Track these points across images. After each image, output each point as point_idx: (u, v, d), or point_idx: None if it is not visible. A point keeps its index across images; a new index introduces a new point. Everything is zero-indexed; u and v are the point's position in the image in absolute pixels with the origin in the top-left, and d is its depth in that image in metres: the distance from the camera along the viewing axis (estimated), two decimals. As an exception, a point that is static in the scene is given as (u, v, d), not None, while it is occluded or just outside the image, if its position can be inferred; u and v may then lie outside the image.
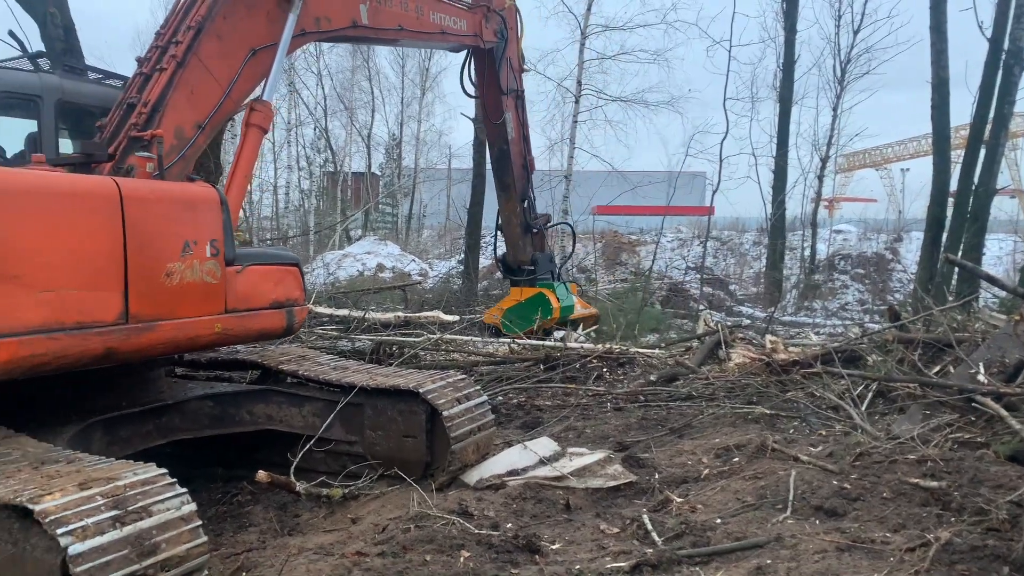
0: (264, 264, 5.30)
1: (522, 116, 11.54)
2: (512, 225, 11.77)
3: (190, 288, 4.63)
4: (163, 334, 4.49)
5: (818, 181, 26.60)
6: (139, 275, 4.33)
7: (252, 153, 6.14)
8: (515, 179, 11.47)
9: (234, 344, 5.68)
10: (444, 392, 5.32)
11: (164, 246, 4.50)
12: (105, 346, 4.16)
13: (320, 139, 37.01)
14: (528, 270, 11.92)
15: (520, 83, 11.42)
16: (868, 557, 3.73)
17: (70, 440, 4.31)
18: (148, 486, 3.31)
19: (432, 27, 9.01)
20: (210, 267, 4.76)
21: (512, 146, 11.31)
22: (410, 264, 25.39)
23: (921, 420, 5.74)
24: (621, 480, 5.23)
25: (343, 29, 7.39)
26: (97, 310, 4.13)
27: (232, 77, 5.98)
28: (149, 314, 4.39)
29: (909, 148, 48.97)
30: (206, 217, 4.80)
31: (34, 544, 3.01)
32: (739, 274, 27.03)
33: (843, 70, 25.53)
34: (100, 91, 6.17)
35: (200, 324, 4.72)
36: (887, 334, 8.01)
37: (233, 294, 4.95)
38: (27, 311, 3.81)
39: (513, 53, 11.11)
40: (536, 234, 12.03)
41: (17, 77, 5.74)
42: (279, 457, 5.52)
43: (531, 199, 11.93)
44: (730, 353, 8.96)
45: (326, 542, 4.37)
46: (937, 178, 16.79)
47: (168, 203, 4.60)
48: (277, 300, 5.31)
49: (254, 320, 5.13)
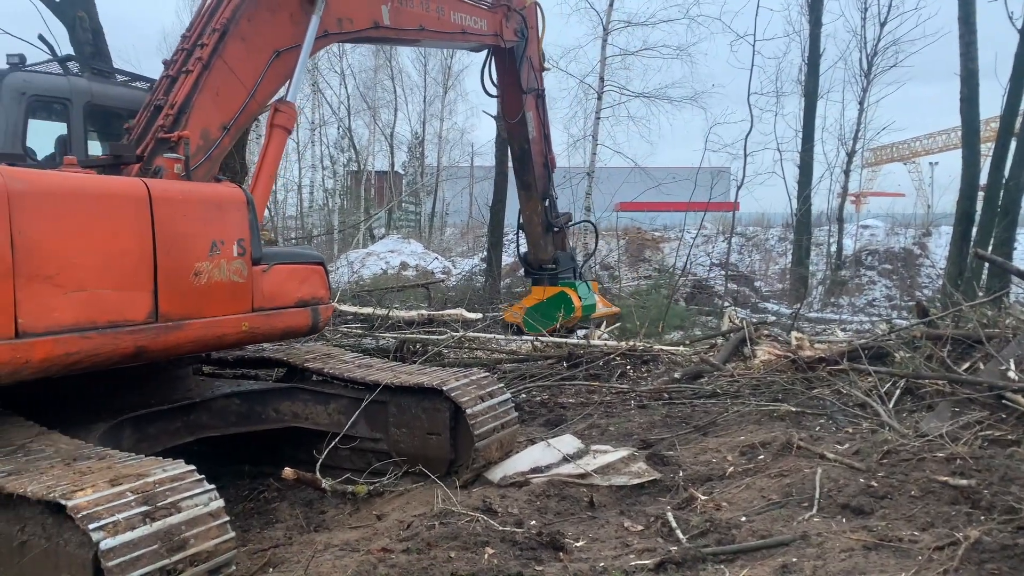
0: (290, 263, 5.36)
1: (543, 115, 11.54)
2: (534, 224, 11.77)
3: (218, 287, 4.70)
4: (191, 333, 4.55)
5: (844, 176, 26.28)
6: (168, 275, 4.40)
7: (277, 153, 6.20)
8: (536, 178, 11.46)
9: (260, 342, 5.75)
10: (468, 390, 5.34)
11: (192, 246, 4.57)
12: (136, 345, 4.24)
13: (344, 138, 37.25)
14: (550, 269, 11.92)
15: (541, 82, 11.42)
16: (895, 556, 3.69)
17: (101, 437, 4.39)
18: (177, 482, 3.36)
19: (453, 27, 9.04)
20: (237, 266, 4.83)
21: (533, 145, 11.30)
22: (433, 262, 25.48)
23: (950, 417, 5.67)
24: (645, 478, 5.22)
25: (365, 30, 7.44)
26: (128, 309, 4.20)
27: (257, 78, 6.05)
28: (178, 313, 4.46)
29: (938, 142, 48.18)
30: (233, 217, 4.87)
31: (67, 539, 3.07)
32: (764, 270, 26.79)
33: (869, 63, 25.18)
34: (128, 94, 6.27)
35: (227, 323, 4.78)
36: (915, 330, 7.90)
37: (259, 293, 5.01)
38: (61, 311, 3.88)
39: (534, 52, 11.10)
40: (558, 233, 12.01)
41: (47, 80, 5.85)
42: (304, 454, 5.57)
43: (553, 198, 11.93)
44: (755, 350, 8.90)
45: (352, 538, 4.40)
46: (966, 172, 16.52)
47: (196, 203, 4.67)
48: (302, 299, 5.37)
49: (280, 319, 5.19)
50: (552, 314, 11.15)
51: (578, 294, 11.61)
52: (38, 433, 3.98)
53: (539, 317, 11.11)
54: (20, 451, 3.68)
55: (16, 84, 5.68)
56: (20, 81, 5.71)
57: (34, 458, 3.57)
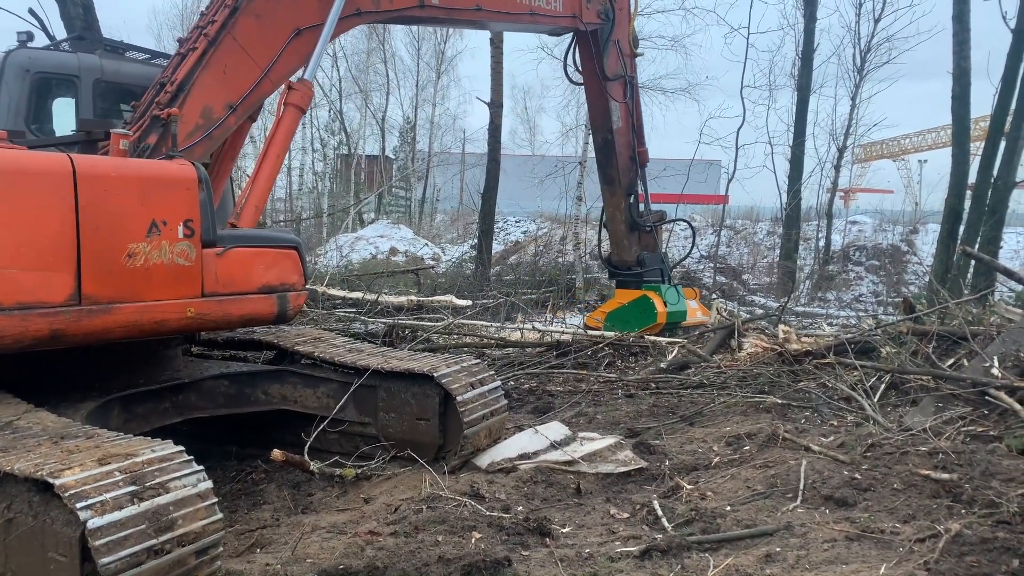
0: (254, 246, 5.08)
1: (633, 104, 10.60)
2: (616, 221, 10.76)
3: (156, 270, 4.42)
4: (121, 317, 4.30)
5: (835, 171, 26.39)
6: (94, 256, 4.15)
7: (288, 133, 5.97)
8: (620, 172, 10.51)
9: (215, 329, 5.50)
10: (458, 376, 5.35)
11: (125, 226, 4.29)
12: (51, 327, 4.01)
13: (334, 121, 37.00)
14: (634, 271, 10.85)
15: (632, 68, 10.45)
16: (877, 547, 3.75)
17: (88, 416, 4.36)
18: (165, 463, 3.35)
19: (519, 7, 8.22)
20: (183, 248, 4.54)
21: (618, 136, 10.38)
22: (423, 248, 25.41)
23: (934, 412, 5.74)
24: (631, 466, 5.26)
25: (407, 9, 6.81)
26: (43, 291, 3.98)
27: (271, 57, 5.79)
28: (106, 296, 4.21)
29: (927, 139, 48.43)
30: (179, 196, 4.56)
31: (54, 517, 3.05)
32: (752, 264, 26.91)
33: (863, 59, 25.23)
34: (142, 71, 6.15)
35: (168, 307, 4.51)
36: (901, 326, 7.98)
37: (212, 277, 4.71)
38: None
39: (623, 35, 10.19)
40: (647, 233, 10.94)
41: (53, 57, 5.79)
42: (292, 437, 5.57)
43: (639, 194, 10.86)
44: (742, 342, 8.96)
45: (339, 521, 4.42)
46: (956, 170, 16.64)
47: (134, 181, 4.38)
48: (268, 284, 5.08)
49: (237, 305, 4.90)
50: (633, 320, 10.25)
51: (664, 299, 10.46)
52: (25, 411, 3.95)
53: (620, 323, 10.21)
54: (7, 428, 3.66)
55: (20, 61, 5.61)
56: (24, 58, 5.64)
57: (21, 436, 3.55)
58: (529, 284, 16.93)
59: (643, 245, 10.98)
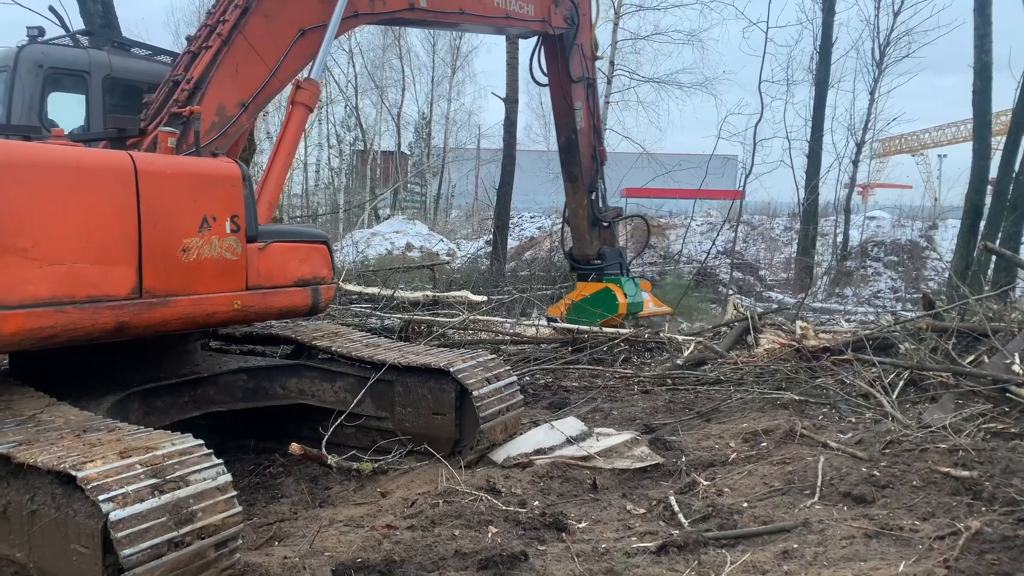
0: (289, 241, 5.26)
1: (593, 105, 11.03)
2: (579, 218, 11.22)
3: (208, 264, 4.58)
4: (178, 309, 4.44)
5: (853, 166, 26.19)
6: (154, 250, 4.29)
7: (297, 131, 6.07)
8: (583, 170, 10.94)
9: (256, 321, 5.68)
10: (474, 372, 5.36)
11: (181, 221, 4.44)
12: (117, 320, 4.14)
13: (350, 117, 37.15)
14: (595, 265, 11.39)
15: (592, 71, 10.94)
16: (896, 544, 3.72)
17: (109, 410, 4.41)
18: (186, 456, 3.38)
19: (496, 11, 8.66)
20: (230, 243, 4.70)
21: (581, 136, 10.81)
22: (438, 244, 25.48)
23: (953, 409, 5.68)
24: (648, 462, 5.25)
25: (400, 11, 7.14)
26: (109, 284, 4.11)
27: (279, 57, 5.92)
28: (164, 289, 4.35)
29: (947, 134, 47.93)
30: (227, 193, 4.72)
31: (76, 509, 3.09)
32: (769, 259, 26.75)
33: (882, 53, 25.03)
34: (149, 67, 6.22)
35: (218, 300, 4.66)
36: (921, 322, 7.90)
37: (255, 271, 4.89)
38: (35, 284, 3.80)
39: (585, 40, 10.64)
40: (606, 228, 11.48)
41: (65, 53, 5.83)
42: (309, 431, 5.60)
43: (600, 191, 11.34)
44: (759, 338, 8.91)
45: (356, 515, 4.45)
46: (977, 164, 16.46)
47: (186, 178, 4.53)
48: (302, 278, 5.26)
49: (276, 298, 5.07)
50: (595, 311, 10.68)
51: (623, 291, 11.04)
52: (48, 404, 4.00)
53: (582, 313, 10.66)
54: (30, 422, 3.70)
55: (34, 57, 5.66)
56: (38, 54, 5.69)
57: (44, 429, 3.60)
58: (544, 280, 16.91)
59: (603, 240, 11.54)
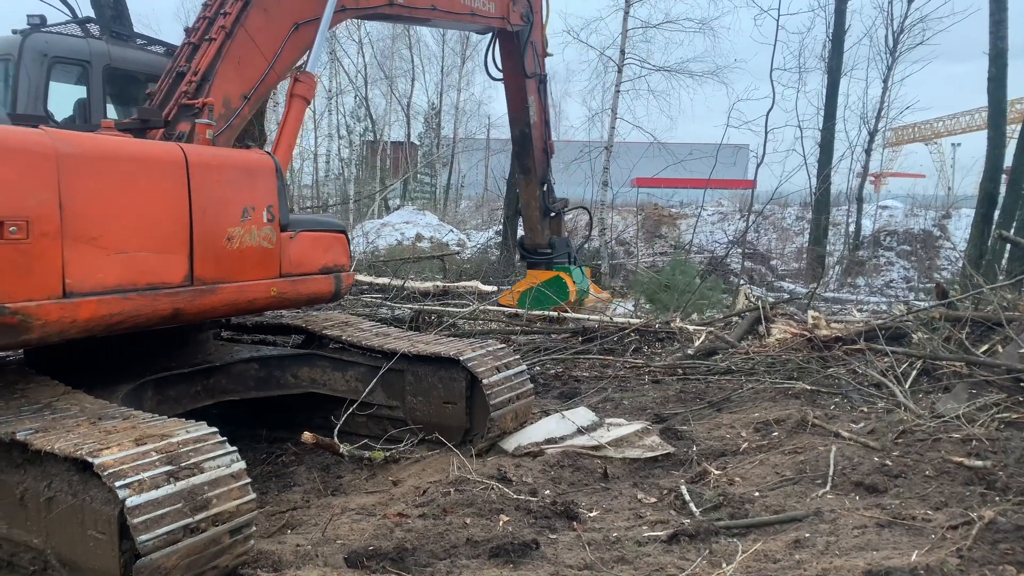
0: (315, 231, 5.43)
1: (544, 100, 11.66)
2: (531, 208, 11.89)
3: (249, 252, 4.77)
4: (225, 296, 4.62)
5: (865, 155, 25.95)
6: (203, 239, 4.47)
7: (296, 122, 6.21)
8: (536, 162, 11.58)
9: (287, 308, 5.84)
10: (484, 360, 5.38)
11: (225, 211, 4.62)
12: (173, 307, 4.31)
13: (360, 108, 37.09)
14: (545, 253, 12.05)
15: (543, 67, 11.54)
16: (908, 534, 3.71)
17: (123, 398, 4.45)
18: (200, 444, 3.41)
19: (463, 8, 9.30)
20: (267, 232, 4.90)
21: (534, 130, 11.40)
22: (448, 234, 25.46)
23: (967, 399, 5.65)
24: (659, 451, 5.26)
25: (379, 7, 7.62)
26: (165, 272, 4.27)
27: (276, 49, 6.07)
28: (212, 277, 4.53)
29: (961, 122, 47.47)
30: (263, 183, 4.92)
31: (93, 496, 3.13)
32: (781, 249, 26.62)
33: (895, 40, 24.70)
34: (146, 58, 6.25)
35: (258, 287, 4.86)
36: (934, 312, 7.86)
37: (287, 259, 5.09)
38: (104, 272, 3.96)
39: (538, 37, 11.22)
40: (555, 218, 12.16)
41: (67, 42, 5.84)
42: (321, 420, 5.64)
43: (551, 183, 12.06)
44: (770, 328, 8.87)
45: (368, 503, 4.47)
46: (992, 153, 16.30)
47: (229, 169, 4.72)
48: (326, 266, 5.46)
49: (305, 285, 5.27)
50: (547, 298, 11.24)
51: (573, 279, 11.75)
52: (63, 392, 4.04)
53: (534, 301, 11.19)
54: (47, 409, 3.74)
55: (38, 46, 5.67)
56: (42, 43, 5.70)
57: (60, 416, 3.63)
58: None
59: (552, 230, 12.15)
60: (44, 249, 3.69)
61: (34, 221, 3.64)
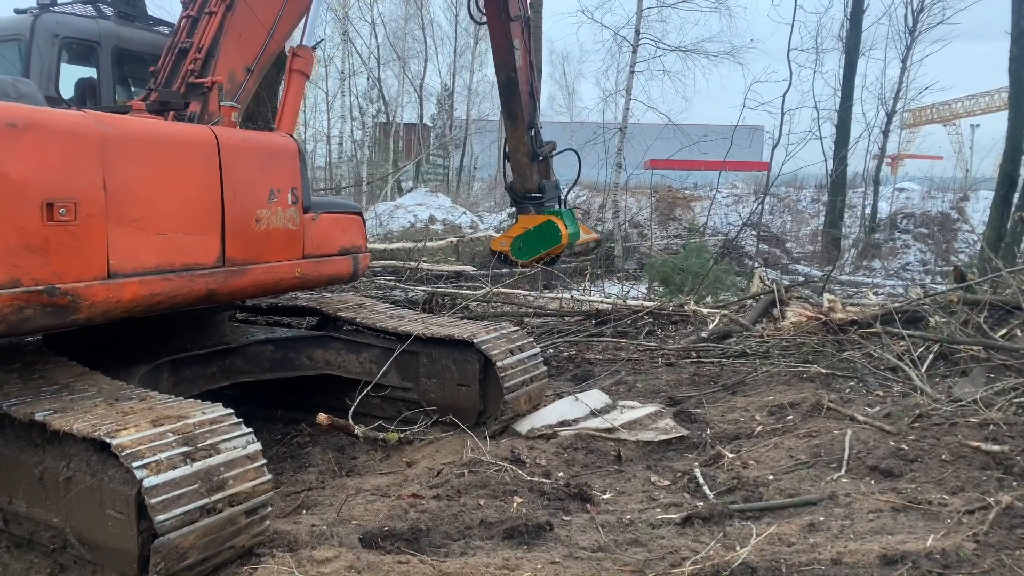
0: (334, 212, 5.50)
1: (529, 43, 11.57)
2: (519, 153, 11.92)
3: (275, 234, 4.84)
4: (254, 277, 4.69)
5: (883, 137, 25.63)
6: (234, 221, 4.53)
7: (296, 98, 6.16)
8: (522, 107, 11.55)
9: (308, 288, 5.93)
10: (498, 343, 5.38)
11: (254, 193, 4.68)
12: (208, 287, 4.37)
13: (373, 89, 36.98)
14: (535, 197, 12.12)
15: (527, 8, 11.41)
16: (924, 518, 3.70)
17: (140, 379, 4.49)
18: (216, 425, 3.44)
19: None
20: (291, 214, 4.96)
21: (520, 73, 11.33)
22: (461, 216, 25.40)
23: (984, 383, 5.60)
24: (672, 434, 5.25)
25: None
26: (200, 253, 4.34)
27: (275, 17, 5.98)
28: (242, 258, 4.60)
29: (980, 103, 46.73)
30: (287, 166, 4.98)
31: (111, 476, 3.16)
32: (796, 232, 26.41)
33: (915, 20, 24.30)
34: (153, 38, 6.22)
35: (283, 268, 4.94)
36: (952, 295, 7.77)
37: (309, 240, 5.16)
38: (145, 253, 4.02)
39: None
40: (543, 162, 12.17)
41: (78, 23, 5.82)
42: (335, 401, 5.67)
43: (538, 127, 12.06)
44: (785, 311, 8.82)
45: (383, 484, 4.50)
46: (1012, 134, 16.06)
47: (256, 151, 4.78)
48: (345, 247, 5.52)
49: (326, 266, 5.34)
50: (540, 242, 11.38)
51: (564, 222, 11.79)
52: (81, 373, 4.08)
53: (527, 245, 11.27)
54: (64, 390, 3.78)
55: (50, 26, 5.65)
56: (53, 23, 5.68)
57: (78, 397, 3.67)
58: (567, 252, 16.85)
59: (541, 173, 12.21)
60: (91, 231, 3.74)
61: (82, 203, 3.69)
